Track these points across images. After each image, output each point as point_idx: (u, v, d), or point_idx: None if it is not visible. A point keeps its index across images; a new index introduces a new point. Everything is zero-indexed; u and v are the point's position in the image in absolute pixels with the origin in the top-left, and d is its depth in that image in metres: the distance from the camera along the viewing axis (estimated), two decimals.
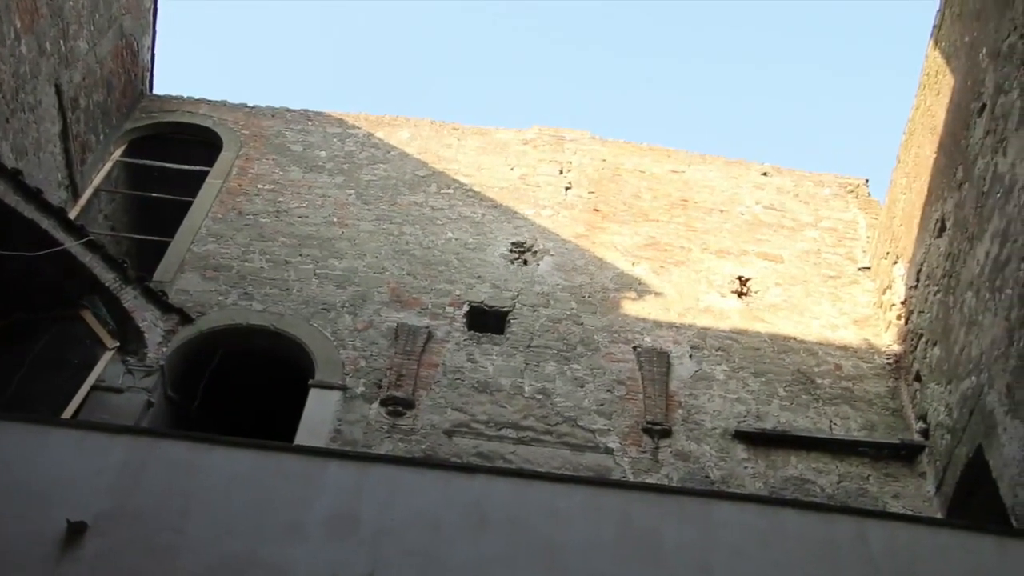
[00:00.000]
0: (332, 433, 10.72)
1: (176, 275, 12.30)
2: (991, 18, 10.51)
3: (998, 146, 9.95)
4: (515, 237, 13.56)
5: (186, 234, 12.96)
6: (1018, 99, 9.59)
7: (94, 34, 13.13)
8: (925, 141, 12.38)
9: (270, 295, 12.22)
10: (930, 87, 12.43)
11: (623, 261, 13.47)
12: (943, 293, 11.13)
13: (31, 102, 11.36)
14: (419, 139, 15.19)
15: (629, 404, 11.52)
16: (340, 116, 15.48)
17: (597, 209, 14.26)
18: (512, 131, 15.56)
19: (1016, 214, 9.33)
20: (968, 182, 10.71)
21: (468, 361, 11.75)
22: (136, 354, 10.91)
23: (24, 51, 11.04)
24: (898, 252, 12.92)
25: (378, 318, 12.12)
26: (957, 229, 10.90)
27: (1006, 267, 9.39)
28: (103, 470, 7.53)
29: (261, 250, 12.82)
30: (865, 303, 13.39)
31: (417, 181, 14.36)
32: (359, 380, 11.35)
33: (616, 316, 12.65)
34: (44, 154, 11.87)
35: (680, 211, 14.47)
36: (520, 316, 12.45)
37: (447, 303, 12.46)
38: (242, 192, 13.75)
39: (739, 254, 13.87)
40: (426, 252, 13.16)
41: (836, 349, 12.63)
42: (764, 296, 13.29)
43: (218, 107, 15.39)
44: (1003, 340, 9.23)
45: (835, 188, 15.25)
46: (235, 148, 14.53)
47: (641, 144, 15.60)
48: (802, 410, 11.78)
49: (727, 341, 12.54)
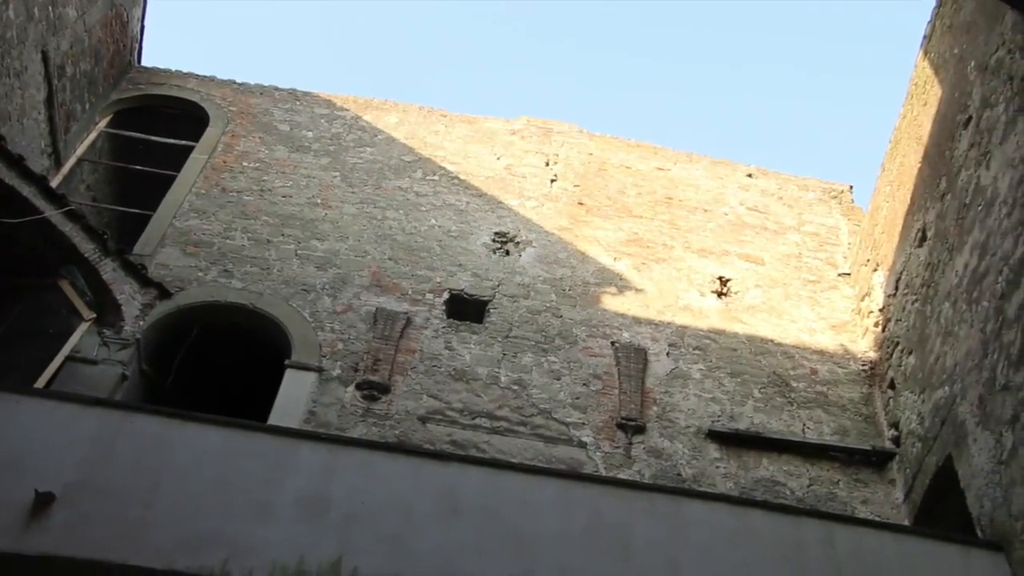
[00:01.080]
0: (306, 415, 10.69)
1: (156, 249, 12.23)
2: (980, 32, 10.57)
3: (982, 159, 10.01)
4: (498, 227, 13.55)
5: (168, 208, 12.88)
6: (1003, 113, 9.66)
7: (84, 2, 13.01)
8: (910, 150, 12.45)
9: (250, 273, 12.16)
10: (918, 97, 12.49)
11: (605, 256, 13.49)
12: (921, 302, 11.20)
13: (16, 67, 11.26)
14: (407, 124, 15.14)
15: (604, 399, 11.55)
16: (328, 97, 15.41)
17: (582, 203, 14.27)
18: (500, 121, 15.54)
19: (996, 227, 9.40)
20: (951, 193, 10.78)
21: (446, 348, 11.75)
22: (113, 326, 10.86)
23: (12, 15, 10.94)
24: (878, 260, 12.99)
25: (358, 301, 12.09)
26: (938, 239, 10.97)
27: (984, 279, 9.47)
28: (74, 441, 7.51)
29: (243, 228, 12.76)
30: (843, 309, 13.46)
31: (403, 166, 14.32)
32: (336, 363, 11.32)
33: (596, 310, 12.66)
34: (28, 121, 11.78)
35: (664, 209, 14.50)
36: (500, 306, 12.45)
37: (427, 290, 12.45)
38: (227, 169, 13.67)
39: (721, 254, 13.91)
40: (409, 238, 13.13)
41: (812, 353, 12.70)
42: (744, 297, 13.34)
43: (206, 82, 15.28)
44: (977, 352, 9.31)
45: (819, 193, 15.31)
46: (221, 124, 14.44)
47: (628, 140, 15.62)
48: (776, 412, 11.84)
49: (705, 340, 12.59)
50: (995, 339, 8.99)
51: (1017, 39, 9.58)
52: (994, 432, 8.66)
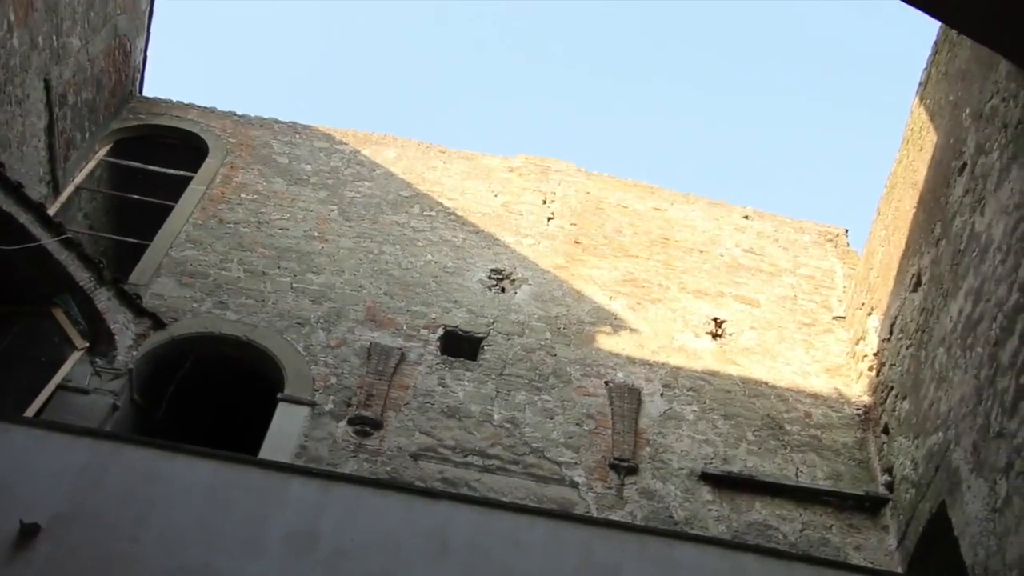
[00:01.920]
0: (297, 449, 10.64)
1: (152, 279, 12.21)
2: (975, 80, 10.66)
3: (976, 205, 10.05)
4: (494, 264, 13.56)
5: (165, 238, 12.88)
6: (997, 161, 9.71)
7: (88, 32, 13.09)
8: (906, 195, 12.50)
9: (245, 305, 12.14)
10: (913, 142, 12.57)
11: (600, 295, 13.49)
12: (915, 347, 11.20)
13: (19, 95, 11.30)
14: (405, 159, 15.18)
15: (597, 439, 11.51)
16: (328, 131, 15.46)
17: (578, 241, 14.29)
18: (498, 158, 15.59)
19: (990, 274, 9.41)
20: (945, 239, 10.81)
21: (439, 385, 11.71)
22: (105, 356, 10.83)
23: (16, 44, 10.99)
24: (873, 304, 13.00)
25: (352, 336, 12.07)
26: (932, 285, 10.99)
27: (978, 326, 9.47)
28: (62, 472, 7.44)
29: (239, 260, 12.76)
30: (838, 352, 13.45)
31: (400, 201, 14.35)
32: (328, 397, 11.27)
33: (590, 349, 12.64)
34: (28, 148, 11.80)
35: (660, 249, 14.52)
36: (494, 343, 12.43)
37: (422, 325, 12.43)
38: (224, 200, 13.69)
39: (716, 295, 13.92)
40: (404, 273, 13.13)
41: (807, 396, 12.67)
42: (738, 339, 13.33)
43: (207, 113, 15.34)
44: (971, 398, 9.29)
45: (815, 236, 15.35)
46: (221, 155, 14.47)
47: (626, 179, 15.66)
48: (769, 455, 11.80)
49: (699, 382, 12.56)
50: (989, 386, 8.97)
51: (1011, 87, 9.65)
52: (988, 480, 8.62)
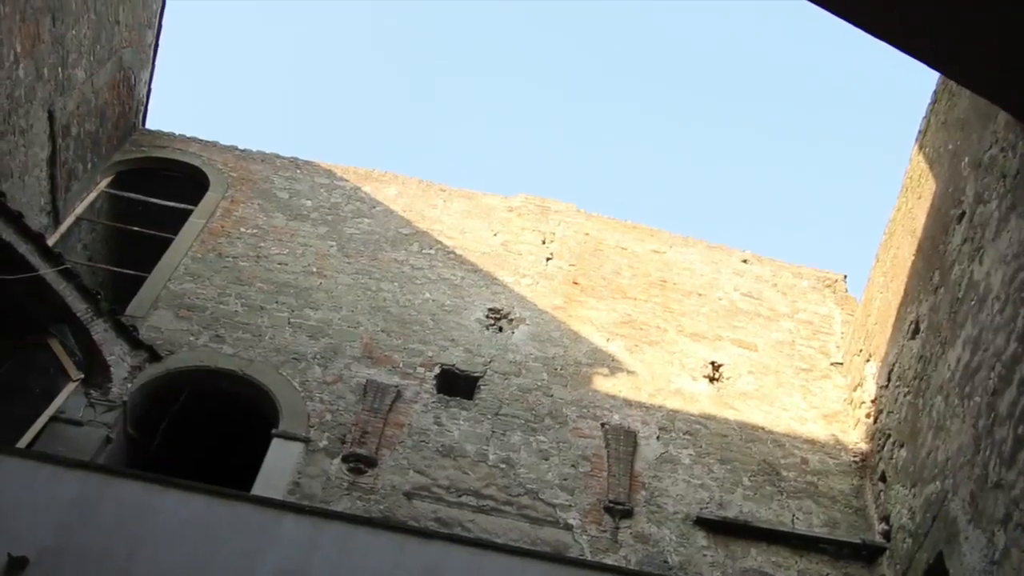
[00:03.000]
0: (291, 485, 10.56)
1: (149, 311, 12.19)
2: (974, 129, 10.72)
3: (975, 254, 10.07)
4: (492, 303, 13.55)
5: (164, 271, 12.88)
6: (996, 210, 9.74)
7: (93, 64, 13.17)
8: (904, 243, 12.53)
9: (242, 339, 12.11)
10: (912, 190, 12.61)
11: (598, 336, 13.47)
12: (913, 395, 11.17)
13: (23, 125, 11.35)
14: (405, 197, 15.22)
15: (592, 481, 11.44)
16: (329, 167, 15.52)
17: (576, 282, 14.29)
18: (498, 197, 15.63)
19: (989, 323, 9.41)
20: (944, 287, 10.82)
21: (435, 424, 11.66)
22: (100, 388, 10.79)
23: (21, 75, 11.06)
24: (871, 350, 12.98)
25: (348, 372, 12.03)
26: (931, 332, 10.98)
27: (976, 375, 9.45)
28: (52, 504, 7.40)
29: (237, 294, 12.75)
30: (835, 398, 13.41)
31: (400, 238, 14.36)
32: (323, 434, 11.22)
33: (587, 391, 12.60)
34: (29, 178, 11.83)
35: (658, 291, 14.52)
36: (491, 383, 12.39)
37: (419, 363, 12.39)
38: (224, 234, 13.70)
39: (714, 339, 13.90)
40: (402, 310, 13.12)
41: (803, 442, 12.61)
42: (736, 383, 13.29)
43: (209, 147, 15.40)
44: (969, 447, 9.25)
45: (813, 281, 15.36)
46: (221, 189, 14.51)
47: (625, 221, 15.69)
48: (766, 501, 11.72)
49: (695, 425, 12.51)
50: (987, 435, 8.93)
51: (1010, 138, 9.70)
52: (986, 531, 8.56)
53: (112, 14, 13.52)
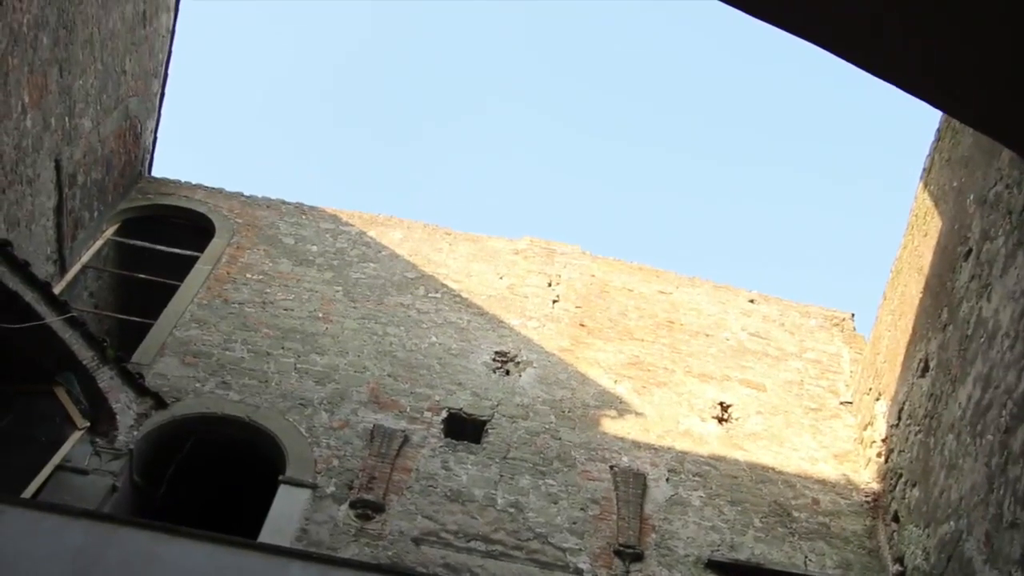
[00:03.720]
0: (298, 532, 10.48)
1: (156, 358, 12.18)
2: (979, 167, 10.73)
3: (983, 291, 10.03)
4: (499, 346, 13.51)
5: (170, 318, 12.88)
6: (1003, 246, 9.72)
7: (99, 113, 13.27)
8: (911, 280, 12.50)
9: (248, 386, 12.08)
10: (918, 228, 12.61)
11: (606, 378, 13.41)
12: (924, 434, 11.08)
13: (29, 175, 11.41)
14: (411, 241, 15.24)
15: (602, 524, 11.33)
16: (334, 212, 15.56)
17: (583, 324, 14.26)
18: (504, 240, 15.65)
19: (999, 360, 9.34)
20: (952, 324, 10.77)
21: (442, 468, 11.58)
22: (106, 436, 10.75)
23: (29, 125, 11.14)
24: (881, 389, 12.90)
25: (355, 418, 11.98)
26: (940, 370, 10.91)
27: (987, 412, 9.37)
28: (57, 554, 7.33)
29: (243, 340, 12.73)
30: (846, 438, 13.31)
31: (406, 283, 14.37)
32: (330, 479, 11.14)
33: (595, 433, 12.53)
34: (36, 227, 11.88)
35: (665, 332, 14.48)
36: (498, 426, 12.33)
37: (426, 408, 12.34)
38: (230, 280, 13.71)
39: (722, 379, 13.83)
40: (409, 355, 13.08)
41: (815, 483, 12.50)
42: (745, 424, 13.21)
43: (214, 194, 15.46)
44: (983, 486, 9.15)
45: (820, 320, 15.31)
46: (227, 236, 14.55)
47: (631, 263, 15.69)
48: (777, 543, 11.60)
49: (705, 467, 12.41)
50: (1001, 474, 8.84)
51: (1014, 174, 9.70)
52: (1003, 571, 8.43)
53: (119, 64, 13.65)
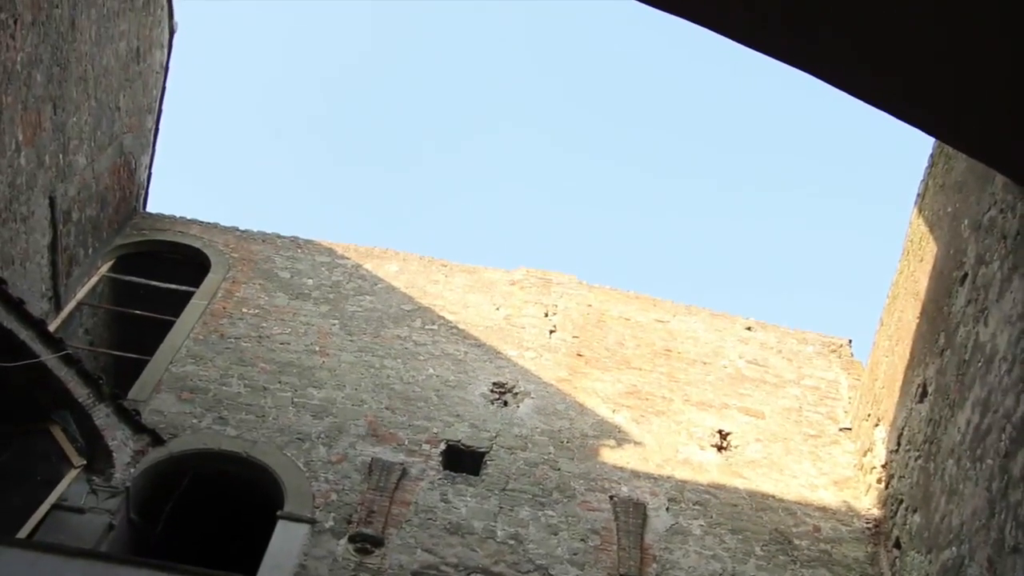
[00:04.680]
0: (297, 567, 10.40)
1: (152, 395, 12.13)
2: (972, 192, 10.77)
3: (979, 315, 10.04)
4: (497, 377, 13.48)
5: (166, 353, 12.85)
6: (999, 271, 9.73)
7: (94, 150, 13.29)
8: (908, 306, 12.51)
9: (245, 421, 12.03)
10: (914, 253, 12.63)
11: (604, 408, 13.38)
12: (924, 459, 11.05)
13: (24, 212, 11.41)
14: (407, 273, 15.25)
15: (603, 555, 11.26)
16: (330, 245, 15.57)
17: (580, 354, 14.24)
18: (500, 271, 15.66)
19: (997, 384, 9.33)
20: (950, 349, 10.77)
21: (441, 501, 11.52)
22: (103, 473, 10.69)
23: (23, 163, 11.15)
24: (879, 415, 12.88)
25: (353, 451, 11.93)
26: (939, 395, 10.90)
27: (987, 437, 9.35)
28: None
29: (240, 375, 12.70)
30: (845, 464, 13.27)
31: (402, 315, 14.35)
32: (329, 514, 11.08)
33: (594, 463, 12.48)
34: (31, 264, 11.86)
35: (663, 361, 14.46)
36: (497, 458, 12.28)
37: (424, 440, 12.29)
38: (226, 315, 13.69)
39: (720, 407, 13.80)
40: (406, 387, 13.05)
41: (815, 510, 12.45)
42: (744, 451, 13.17)
43: (209, 229, 15.47)
44: (984, 511, 9.11)
45: (818, 347, 15.31)
46: (223, 270, 14.54)
47: (627, 292, 15.70)
48: (779, 571, 11.53)
49: (705, 495, 12.36)
50: (1001, 498, 8.80)
51: (1008, 199, 9.74)
52: None
53: (113, 101, 13.69)
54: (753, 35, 6.64)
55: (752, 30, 6.59)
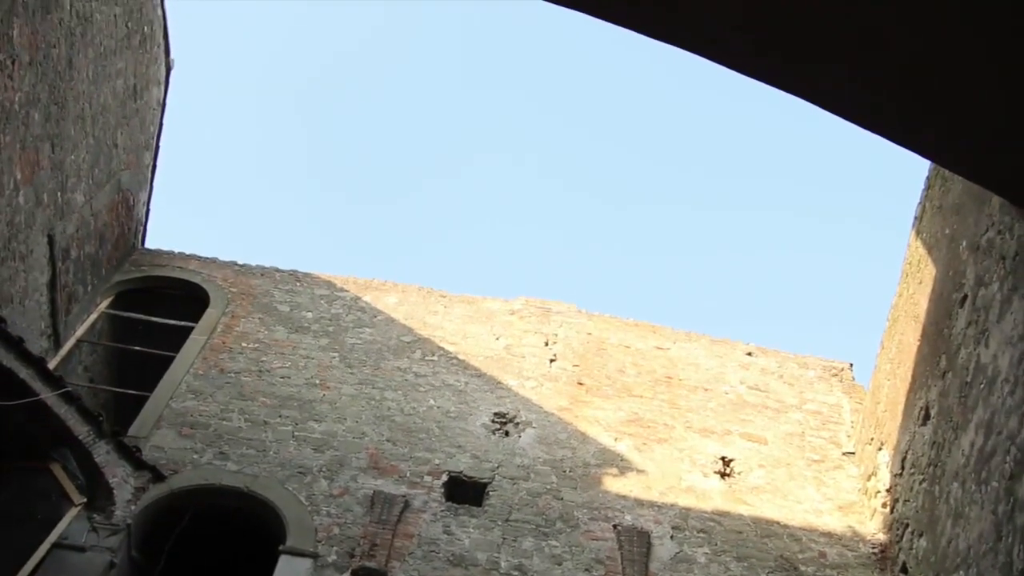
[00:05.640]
0: None
1: (152, 431, 12.09)
2: (970, 213, 10.79)
3: (980, 337, 10.03)
4: (498, 407, 13.45)
5: (166, 389, 12.82)
6: (998, 292, 9.74)
7: (92, 187, 13.32)
8: (908, 328, 12.50)
9: (246, 455, 11.99)
10: (913, 276, 12.64)
11: (606, 436, 13.34)
12: (928, 482, 11.00)
13: (23, 251, 11.42)
14: (406, 304, 15.24)
15: None
16: (328, 278, 15.58)
17: (581, 383, 14.22)
18: (499, 301, 15.66)
19: (1000, 406, 9.31)
20: (951, 371, 10.75)
21: (444, 533, 11.46)
22: (103, 511, 10.65)
23: (21, 201, 11.17)
24: (883, 438, 12.84)
25: (355, 484, 11.87)
26: (941, 418, 10.87)
27: (991, 459, 9.31)
28: None
29: (240, 409, 12.67)
30: (850, 489, 13.22)
31: (402, 347, 14.34)
32: (331, 548, 11.02)
33: (597, 492, 12.42)
34: (30, 302, 11.85)
35: (664, 388, 14.43)
36: (499, 488, 12.22)
37: (426, 472, 12.24)
38: (226, 349, 13.68)
39: (723, 434, 13.76)
40: (407, 419, 13.01)
41: (820, 535, 12.39)
42: (747, 478, 13.11)
43: (208, 264, 15.48)
44: (991, 534, 9.06)
45: (819, 371, 15.29)
46: (222, 305, 14.54)
47: (627, 319, 15.69)
48: None
49: (709, 523, 12.30)
50: (1008, 521, 8.75)
51: (1006, 220, 9.76)
52: None
53: (110, 138, 13.74)
54: (748, 64, 6.68)
55: (748, 59, 6.64)
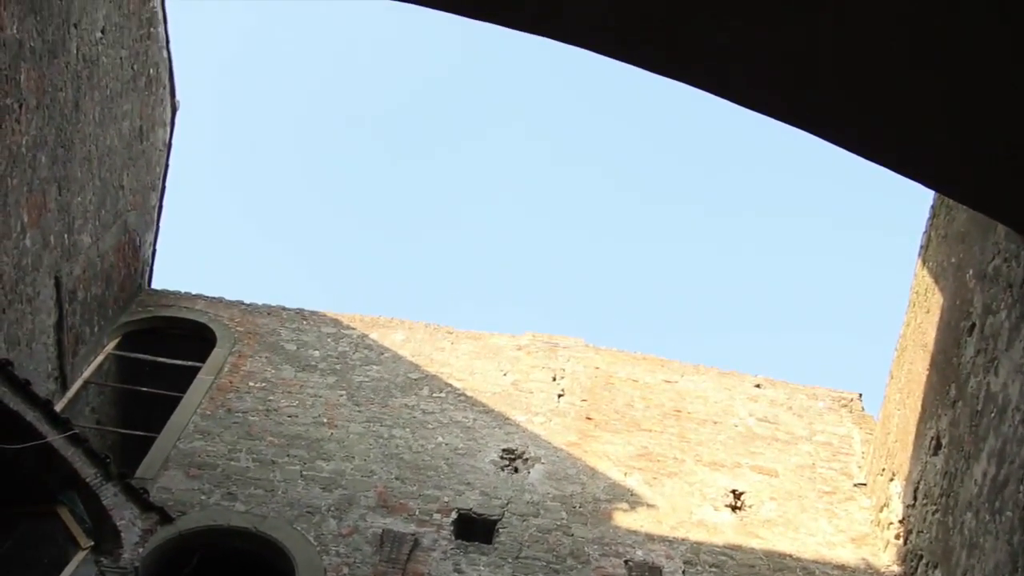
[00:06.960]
0: None
1: (160, 472, 12.05)
2: (975, 241, 10.78)
3: (989, 365, 9.98)
4: (506, 444, 13.39)
5: (173, 430, 12.78)
6: (1006, 320, 9.70)
7: (98, 229, 13.38)
8: (917, 358, 12.45)
9: (254, 496, 11.93)
10: (920, 305, 12.61)
11: (615, 471, 13.26)
12: (942, 513, 10.90)
13: (29, 293, 11.44)
14: (413, 342, 15.23)
15: None
16: (335, 316, 15.58)
17: (590, 417, 14.15)
18: (506, 336, 15.64)
19: (1011, 434, 9.25)
20: (962, 400, 10.69)
21: (454, 571, 11.37)
22: (111, 554, 10.58)
23: (28, 244, 11.22)
24: (894, 469, 12.75)
25: (364, 523, 11.80)
26: (953, 447, 10.79)
27: (1005, 488, 9.23)
28: None
29: (248, 449, 12.62)
30: (862, 520, 13.10)
31: (409, 384, 14.31)
32: None
33: (607, 528, 12.33)
34: (37, 345, 11.86)
35: (673, 421, 14.37)
36: (509, 525, 12.14)
37: (435, 509, 12.17)
38: (233, 389, 13.66)
39: (733, 466, 13.67)
40: (416, 456, 12.96)
41: (834, 568, 12.26)
42: (759, 511, 13.01)
43: (214, 303, 15.51)
44: (1007, 565, 8.96)
45: (828, 402, 15.22)
46: (228, 345, 14.54)
47: (635, 353, 15.66)
48: None
49: (721, 557, 12.19)
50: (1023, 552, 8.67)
51: (1011, 248, 9.74)
52: None
53: (116, 180, 13.82)
54: (747, 96, 6.70)
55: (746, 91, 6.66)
